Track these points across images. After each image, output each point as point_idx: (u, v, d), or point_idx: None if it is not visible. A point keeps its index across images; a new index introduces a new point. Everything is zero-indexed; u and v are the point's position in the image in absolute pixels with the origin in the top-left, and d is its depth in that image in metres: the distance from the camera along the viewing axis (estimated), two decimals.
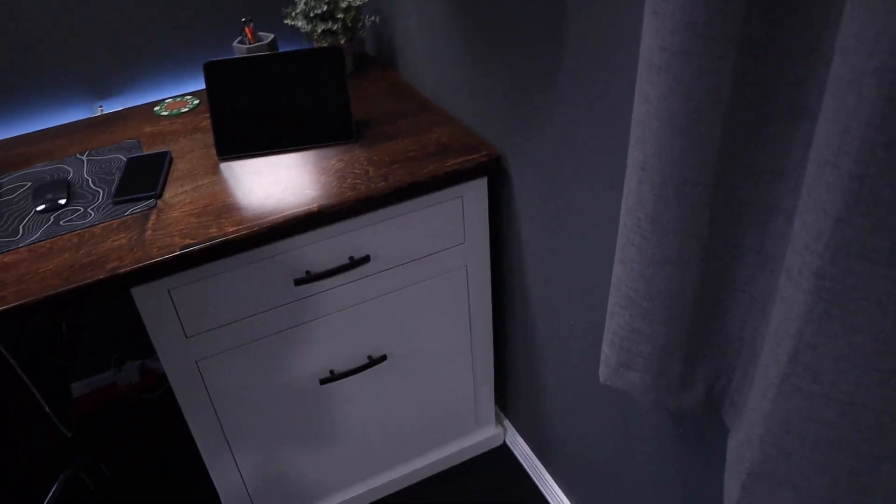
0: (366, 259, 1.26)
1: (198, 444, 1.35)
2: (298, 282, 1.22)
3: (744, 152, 0.70)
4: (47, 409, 1.11)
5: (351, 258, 1.25)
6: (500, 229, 1.39)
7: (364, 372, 1.42)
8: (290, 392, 1.38)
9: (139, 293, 1.13)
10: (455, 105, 1.38)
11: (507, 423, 1.77)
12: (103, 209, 1.23)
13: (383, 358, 1.42)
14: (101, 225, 1.19)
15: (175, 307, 1.17)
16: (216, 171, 1.31)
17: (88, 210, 1.23)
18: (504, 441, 1.79)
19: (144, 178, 1.29)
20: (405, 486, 1.70)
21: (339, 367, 1.39)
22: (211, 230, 1.13)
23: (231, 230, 1.13)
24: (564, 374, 1.34)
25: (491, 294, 1.47)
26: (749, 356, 0.82)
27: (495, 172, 1.31)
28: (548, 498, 1.64)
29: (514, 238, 1.34)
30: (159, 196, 1.25)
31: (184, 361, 1.23)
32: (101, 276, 1.06)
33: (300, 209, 1.16)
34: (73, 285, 1.05)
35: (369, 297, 1.33)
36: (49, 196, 1.26)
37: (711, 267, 0.79)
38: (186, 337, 1.21)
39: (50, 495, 1.66)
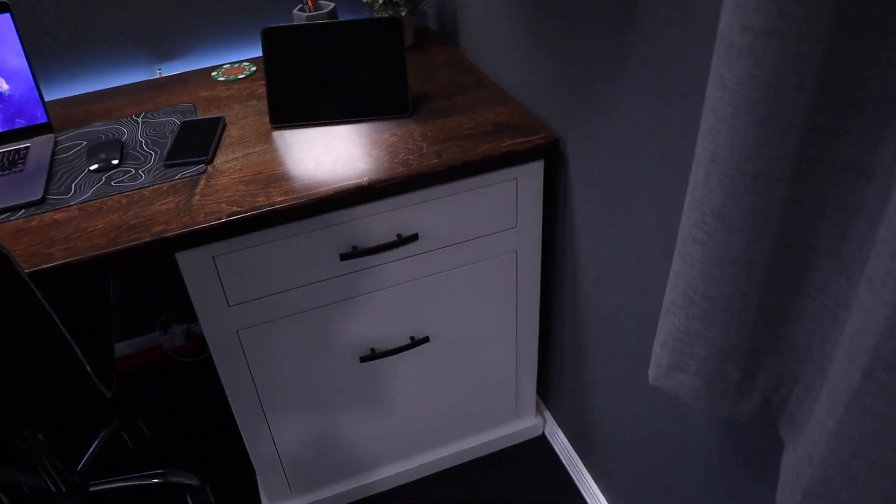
0: (414, 237, 1.23)
1: (234, 413, 1.35)
2: (344, 256, 1.19)
3: (826, 146, 0.64)
4: (88, 368, 1.11)
5: (399, 235, 1.22)
6: (554, 215, 1.34)
7: (405, 352, 1.40)
8: (330, 368, 1.36)
9: (184, 258, 1.12)
10: (514, 84, 1.34)
11: (547, 413, 1.73)
12: (154, 172, 1.22)
13: (426, 339, 1.39)
14: (151, 187, 1.18)
15: (219, 275, 1.16)
16: (268, 139, 1.29)
17: (139, 172, 1.23)
18: (543, 432, 1.75)
19: (197, 142, 1.28)
20: (438, 470, 1.68)
21: (381, 346, 1.37)
22: (259, 199, 1.11)
23: (279, 200, 1.11)
24: (612, 370, 1.29)
25: (540, 281, 1.42)
26: (814, 368, 0.76)
27: (552, 156, 1.26)
28: (584, 495, 1.60)
29: (567, 225, 1.30)
30: (210, 161, 1.24)
31: (225, 330, 1.22)
32: (147, 239, 1.06)
33: (350, 182, 1.13)
34: (119, 247, 1.05)
35: (415, 277, 1.30)
36: (103, 156, 1.26)
37: (780, 269, 0.73)
38: (229, 305, 1.20)
39: (90, 451, 1.69)
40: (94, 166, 1.25)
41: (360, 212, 1.18)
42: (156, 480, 1.62)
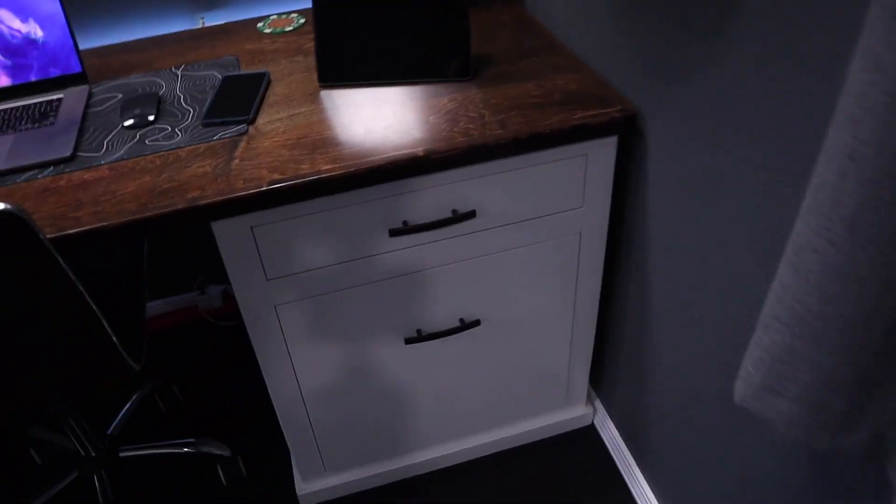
0: (471, 214, 1.11)
1: (269, 390, 1.27)
2: (394, 232, 1.09)
3: None
4: (115, 339, 1.03)
5: (454, 212, 1.11)
6: (625, 196, 1.22)
7: (454, 336, 1.30)
8: (372, 348, 1.27)
9: (220, 227, 1.03)
10: (589, 49, 1.20)
11: (598, 403, 1.62)
12: (191, 131, 1.13)
13: (476, 323, 1.29)
14: (187, 148, 1.09)
15: (257, 246, 1.06)
16: (315, 99, 1.18)
17: (176, 130, 1.13)
18: (592, 422, 1.64)
19: (238, 100, 1.18)
20: (479, 455, 1.60)
21: (428, 328, 1.27)
22: (303, 166, 1.01)
23: (325, 168, 1.00)
24: (677, 371, 1.17)
25: (603, 266, 1.30)
26: None
27: (628, 132, 1.13)
28: (631, 489, 1.50)
29: (640, 208, 1.17)
30: (252, 122, 1.13)
31: (262, 305, 1.14)
32: (180, 206, 0.96)
33: (403, 152, 1.02)
34: (150, 213, 0.96)
35: (469, 257, 1.19)
36: (138, 111, 1.17)
37: None
38: (267, 279, 1.11)
39: (122, 414, 1.64)
40: (129, 122, 1.16)
41: (414, 184, 1.07)
42: (186, 450, 1.56)
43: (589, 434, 1.63)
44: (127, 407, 1.65)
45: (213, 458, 1.60)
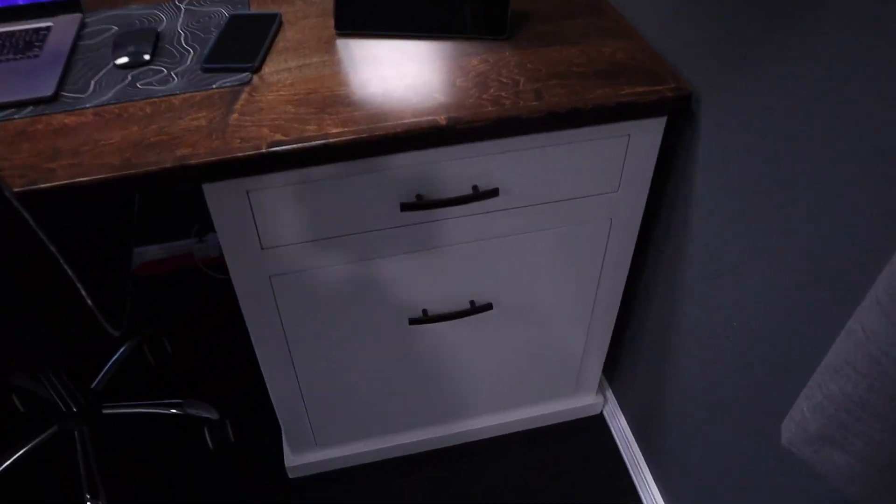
0: (493, 192, 1.00)
1: (260, 362, 1.18)
2: (406, 207, 0.97)
3: None
4: (90, 302, 0.93)
5: (475, 188, 1.00)
6: (665, 184, 1.10)
7: (463, 319, 1.19)
8: (373, 327, 1.17)
9: (212, 190, 0.92)
10: (642, 13, 1.06)
11: (609, 393, 1.53)
12: (189, 75, 1.01)
13: (488, 306, 1.18)
14: (182, 96, 0.97)
15: (252, 212, 0.95)
16: (330, 48, 1.05)
17: (172, 74, 1.01)
18: (601, 412, 1.55)
19: (244, 43, 1.05)
20: (478, 438, 1.51)
21: (435, 309, 1.17)
22: (309, 126, 0.89)
23: (334, 132, 0.88)
24: (707, 376, 1.07)
25: (632, 256, 1.19)
26: None
27: (680, 113, 1.00)
28: (637, 485, 1.42)
29: (682, 200, 1.05)
30: (257, 70, 1.01)
31: (255, 275, 1.03)
32: (167, 165, 0.85)
33: (423, 119, 0.90)
34: (133, 171, 0.84)
35: (488, 237, 1.08)
36: (132, 48, 1.05)
37: None
38: (262, 248, 1.00)
39: (108, 366, 1.55)
40: (121, 60, 1.03)
41: (433, 155, 0.95)
42: (173, 411, 1.48)
43: (597, 424, 1.54)
44: (113, 360, 1.57)
45: (201, 420, 1.52)
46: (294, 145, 0.87)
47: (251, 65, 1.01)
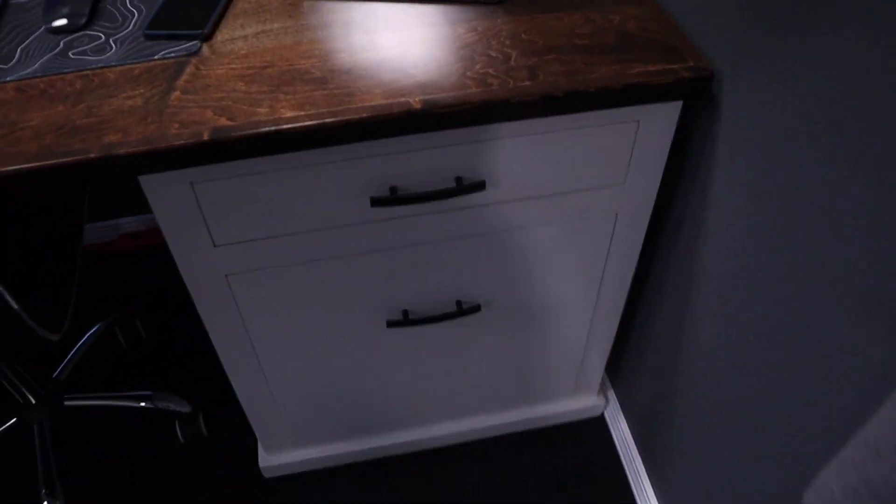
0: (479, 185, 0.86)
1: (223, 363, 1.07)
2: (377, 202, 0.84)
3: None
4: (15, 306, 0.82)
5: (459, 180, 0.86)
6: (679, 176, 0.96)
7: (448, 322, 1.07)
8: (347, 329, 1.05)
9: (150, 183, 0.79)
10: None
11: (611, 394, 1.41)
12: (129, 43, 0.87)
13: (476, 308, 1.05)
14: (119, 68, 0.83)
15: (200, 206, 0.82)
16: (296, 12, 0.91)
17: (111, 41, 0.88)
18: (602, 414, 1.44)
19: (195, 5, 0.91)
20: (472, 439, 1.40)
21: (417, 310, 1.05)
22: (261, 109, 0.76)
23: (287, 116, 0.75)
24: (715, 388, 0.95)
25: (639, 254, 1.06)
26: None
27: (699, 97, 0.85)
28: (635, 494, 1.31)
29: (697, 195, 0.91)
30: (207, 37, 0.87)
31: (209, 274, 0.91)
32: (91, 154, 0.72)
33: (394, 101, 0.76)
34: (50, 161, 0.71)
35: (474, 234, 0.95)
36: (67, 9, 0.91)
37: None
38: (214, 245, 0.87)
39: (75, 351, 1.44)
40: (56, 23, 0.90)
41: (408, 143, 0.81)
42: (142, 404, 1.38)
43: (598, 426, 1.43)
44: (78, 347, 1.46)
45: (171, 413, 1.42)
46: (240, 133, 0.73)
47: (200, 31, 0.87)
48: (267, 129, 0.73)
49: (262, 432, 1.24)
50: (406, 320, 1.03)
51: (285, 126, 0.74)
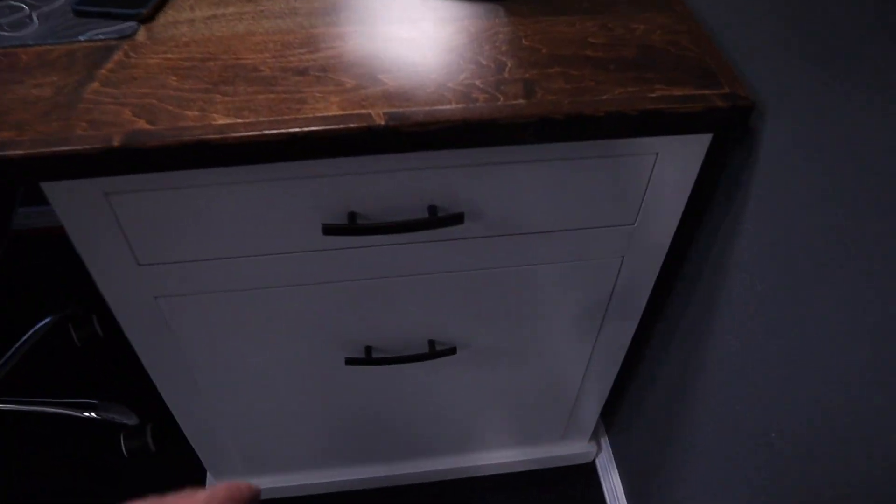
0: (457, 218, 0.71)
1: (159, 389, 0.93)
2: (330, 230, 0.70)
3: None
4: None
5: (433, 210, 0.72)
6: (700, 217, 0.81)
7: (418, 363, 0.93)
8: (299, 363, 0.91)
9: (53, 190, 0.65)
10: None
11: (604, 441, 1.27)
12: (56, 19, 0.73)
13: (452, 351, 0.91)
14: (36, 49, 0.69)
15: (119, 221, 0.69)
16: None
17: (34, 15, 0.74)
18: (593, 461, 1.29)
19: None
20: (447, 479, 1.26)
21: (382, 348, 0.91)
22: (189, 112, 0.61)
23: (219, 123, 0.60)
24: (723, 457, 0.80)
25: (646, 302, 0.91)
26: None
27: (733, 130, 0.70)
28: None
29: (721, 243, 0.76)
30: (147, 19, 0.73)
31: (136, 296, 0.77)
32: None
33: (353, 113, 0.61)
34: None
35: (450, 269, 0.80)
36: None
37: None
38: (139, 264, 0.74)
39: (15, 348, 1.31)
40: None
41: (372, 163, 0.67)
42: (87, 414, 1.25)
43: (587, 474, 1.29)
44: (26, 337, 1.33)
45: (117, 426, 1.29)
46: (158, 140, 0.59)
47: (139, 11, 0.72)
48: (190, 137, 0.59)
49: (206, 456, 1.11)
50: (368, 359, 0.89)
51: (213, 136, 0.59)
